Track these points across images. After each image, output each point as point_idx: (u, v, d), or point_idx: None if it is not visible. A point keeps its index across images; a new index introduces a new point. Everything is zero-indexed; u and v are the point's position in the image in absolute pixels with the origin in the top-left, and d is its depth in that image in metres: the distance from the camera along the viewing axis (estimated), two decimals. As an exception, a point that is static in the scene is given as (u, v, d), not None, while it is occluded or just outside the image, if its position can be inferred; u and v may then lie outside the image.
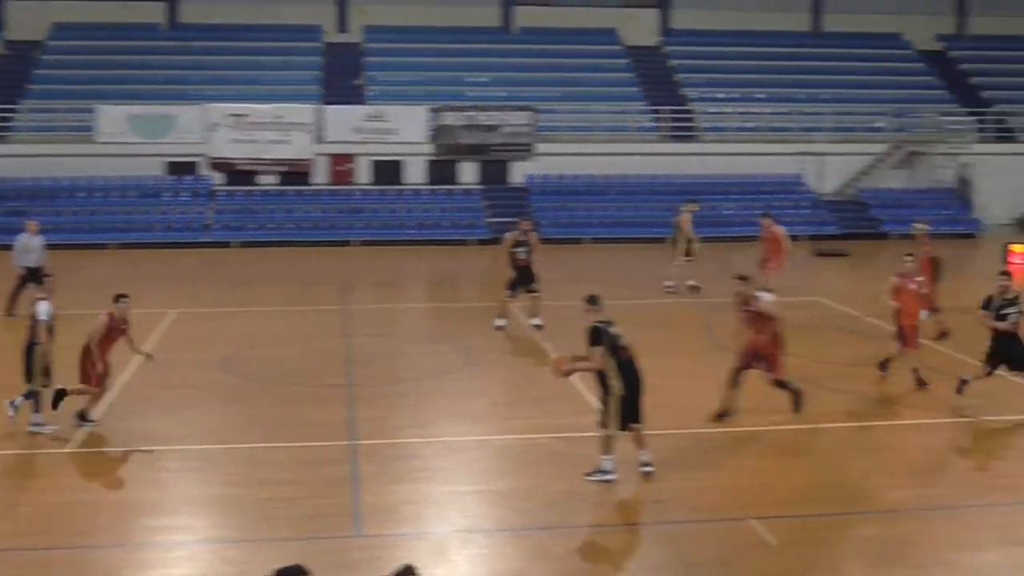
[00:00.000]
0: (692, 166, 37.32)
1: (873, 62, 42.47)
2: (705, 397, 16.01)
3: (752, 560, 10.91)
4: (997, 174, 38.33)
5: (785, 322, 15.46)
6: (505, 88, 38.99)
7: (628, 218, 35.60)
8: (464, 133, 36.39)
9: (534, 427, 15.16)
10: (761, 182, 37.34)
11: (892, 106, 39.92)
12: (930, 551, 11.33)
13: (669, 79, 41.24)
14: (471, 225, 34.91)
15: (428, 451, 14.18)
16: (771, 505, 12.31)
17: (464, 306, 25.57)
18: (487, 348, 19.97)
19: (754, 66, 41.52)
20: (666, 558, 11.14)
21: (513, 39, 41.87)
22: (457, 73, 39.64)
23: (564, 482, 12.91)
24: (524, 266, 21.18)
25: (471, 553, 11.22)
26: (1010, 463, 13.92)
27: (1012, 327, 15.52)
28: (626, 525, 12.21)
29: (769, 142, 38.06)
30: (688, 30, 43.14)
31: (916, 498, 12.71)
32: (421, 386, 17.33)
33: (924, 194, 38.19)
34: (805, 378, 17.81)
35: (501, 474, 13.48)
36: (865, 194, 37.79)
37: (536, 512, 12.13)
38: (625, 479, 12.92)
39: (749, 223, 34.81)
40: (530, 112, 36.73)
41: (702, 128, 38.64)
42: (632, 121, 38.46)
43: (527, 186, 36.65)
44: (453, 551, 11.20)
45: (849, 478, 13.27)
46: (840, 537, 11.68)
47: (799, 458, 14.04)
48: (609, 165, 36.96)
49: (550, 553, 11.15)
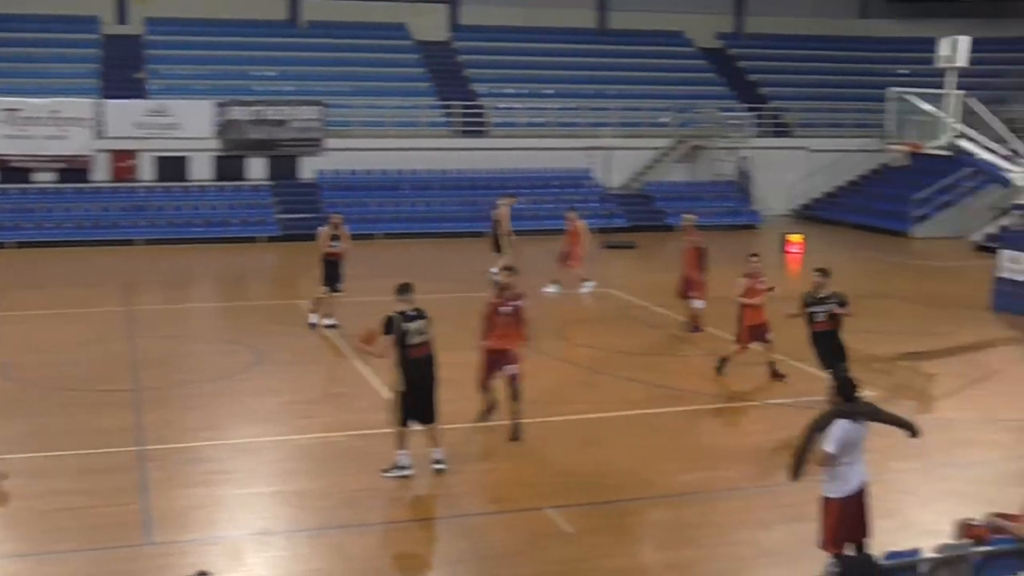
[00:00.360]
0: (483, 161, 37.54)
1: (657, 59, 43.62)
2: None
3: (549, 549, 11.05)
4: (774, 167, 39.95)
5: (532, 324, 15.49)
6: (293, 82, 38.39)
7: (421, 213, 35.61)
8: (251, 128, 35.66)
9: (329, 425, 15.00)
10: (551, 176, 37.87)
11: (675, 102, 41.06)
12: (719, 531, 11.71)
13: (459, 74, 41.39)
14: (260, 222, 34.26)
15: (221, 453, 13.85)
16: (566, 494, 12.50)
17: (255, 304, 25.08)
18: (279, 347, 19.62)
19: (542, 62, 42.09)
20: (465, 551, 11.18)
21: (300, 32, 41.25)
22: (243, 67, 38.81)
23: (361, 479, 12.82)
24: (336, 259, 20.94)
25: (268, 556, 11.01)
26: (788, 444, 14.45)
27: (827, 325, 15.53)
28: (425, 520, 12.20)
29: (558, 137, 38.65)
30: (477, 26, 43.38)
31: (704, 481, 13.13)
32: (212, 387, 16.92)
33: (706, 187, 39.45)
34: (597, 368, 18.25)
35: (297, 474, 13.27)
36: (650, 187, 38.79)
37: (334, 511, 11.99)
38: (424, 473, 12.90)
39: (539, 217, 35.44)
40: (319, 107, 36.27)
41: (492, 123, 38.94)
42: (423, 116, 38.46)
43: (317, 182, 36.20)
44: (249, 554, 10.97)
45: (640, 464, 13.60)
46: (633, 522, 11.95)
47: (593, 447, 14.29)
48: (401, 160, 36.84)
49: (349, 552, 11.05)
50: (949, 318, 22.90)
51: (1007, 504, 10.06)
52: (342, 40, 40.76)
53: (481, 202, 36.01)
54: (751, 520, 12.05)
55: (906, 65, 43.77)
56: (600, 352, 19.52)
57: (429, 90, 39.56)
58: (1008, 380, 18.53)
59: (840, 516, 9.53)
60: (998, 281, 23.90)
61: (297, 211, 34.38)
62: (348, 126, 36.97)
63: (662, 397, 16.68)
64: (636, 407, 16.14)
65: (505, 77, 41.08)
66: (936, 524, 11.16)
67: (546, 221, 35.66)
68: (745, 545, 11.39)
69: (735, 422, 15.70)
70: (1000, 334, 21.96)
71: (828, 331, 15.56)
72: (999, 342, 21.41)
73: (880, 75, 44.08)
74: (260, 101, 36.03)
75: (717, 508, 12.43)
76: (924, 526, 11.48)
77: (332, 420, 15.23)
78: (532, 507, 12.06)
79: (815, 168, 41.21)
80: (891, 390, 17.34)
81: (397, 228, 34.72)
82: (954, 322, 22.50)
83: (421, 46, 41.84)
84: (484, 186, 36.75)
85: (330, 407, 15.97)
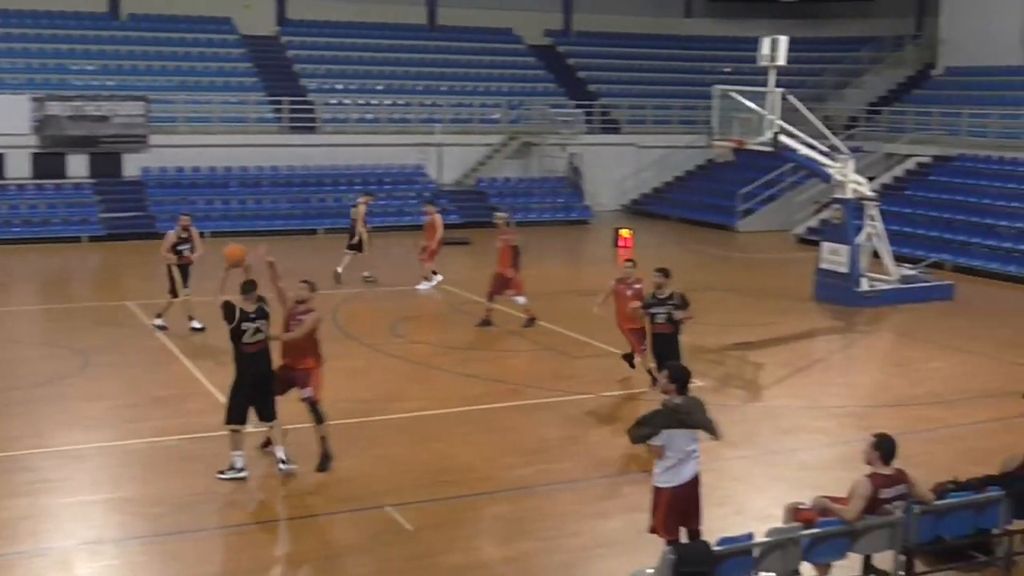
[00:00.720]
0: (316, 157, 37.12)
1: (487, 56, 43.86)
2: (340, 387, 16.00)
3: (391, 546, 11.00)
4: (605, 163, 40.65)
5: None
6: (115, 77, 37.23)
7: (251, 211, 34.97)
8: (72, 124, 34.45)
9: (160, 429, 14.60)
10: (384, 173, 37.69)
11: (506, 98, 41.37)
12: (557, 524, 11.82)
13: (288, 69, 40.78)
14: (84, 221, 33.13)
15: (46, 462, 13.35)
16: (406, 491, 12.46)
17: (79, 307, 24.22)
18: (105, 350, 18.99)
19: (372, 58, 41.84)
20: (306, 552, 11.04)
21: (121, 26, 40.03)
22: (62, 61, 37.46)
23: (196, 483, 12.53)
24: (188, 263, 20.33)
25: (100, 565, 10.65)
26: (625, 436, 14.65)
27: (666, 327, 15.43)
28: (265, 522, 11.98)
29: (390, 133, 38.49)
30: (305, 20, 42.86)
31: (541, 474, 13.24)
32: (35, 393, 16.28)
33: (538, 183, 39.83)
34: (433, 364, 18.24)
35: (128, 480, 12.87)
36: (483, 183, 38.96)
37: (168, 517, 11.67)
38: (263, 474, 12.69)
39: (372, 214, 35.18)
40: (143, 102, 35.26)
41: (323, 119, 38.51)
42: (251, 112, 37.78)
43: (143, 179, 35.21)
44: (79, 565, 10.61)
45: (479, 460, 13.65)
46: (473, 517, 11.99)
47: (431, 443, 14.27)
48: (229, 157, 36.14)
49: (185, 558, 10.78)
50: (774, 309, 23.63)
51: (833, 487, 10.41)
52: (166, 34, 39.74)
53: (313, 199, 35.69)
54: (589, 512, 12.21)
55: (730, 63, 45.05)
56: (435, 348, 19.52)
57: (257, 85, 38.89)
58: (831, 368, 19.24)
59: (671, 505, 9.71)
60: (819, 272, 24.77)
61: (122, 210, 33.37)
62: (174, 122, 36.09)
63: (499, 392, 16.74)
64: (473, 403, 16.17)
65: (335, 73, 40.69)
66: (767, 509, 11.51)
67: (378, 218, 35.53)
68: (584, 536, 11.53)
69: (572, 416, 15.85)
70: (822, 323, 22.78)
71: (668, 333, 15.46)
72: (822, 331, 22.21)
73: (705, 73, 45.32)
74: (80, 96, 34.84)
75: (556, 501, 12.55)
76: (756, 512, 11.81)
77: (162, 424, 14.83)
78: (373, 505, 11.98)
79: (644, 164, 42.09)
80: (720, 380, 17.83)
81: (226, 227, 33.94)
82: (779, 313, 23.23)
83: (248, 40, 41.10)
84: (316, 183, 36.40)
85: (160, 410, 15.53)
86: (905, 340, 21.32)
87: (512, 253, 20.90)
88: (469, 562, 10.78)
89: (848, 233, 24.13)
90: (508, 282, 20.89)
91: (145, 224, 33.00)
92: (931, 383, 17.79)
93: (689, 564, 8.91)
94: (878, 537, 9.72)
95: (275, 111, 37.86)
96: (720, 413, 15.50)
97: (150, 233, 32.71)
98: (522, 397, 16.55)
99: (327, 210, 35.30)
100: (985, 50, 38.50)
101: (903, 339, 21.44)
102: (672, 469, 9.71)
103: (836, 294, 24.08)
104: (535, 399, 16.39)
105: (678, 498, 9.71)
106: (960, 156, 33.96)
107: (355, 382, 16.94)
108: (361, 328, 20.82)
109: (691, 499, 9.83)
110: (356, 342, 19.81)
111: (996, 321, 23.24)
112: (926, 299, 24.41)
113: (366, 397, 16.21)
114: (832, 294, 24.18)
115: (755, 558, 9.26)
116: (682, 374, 10.07)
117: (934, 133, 36.16)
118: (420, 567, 10.63)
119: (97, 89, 35.85)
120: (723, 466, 13.27)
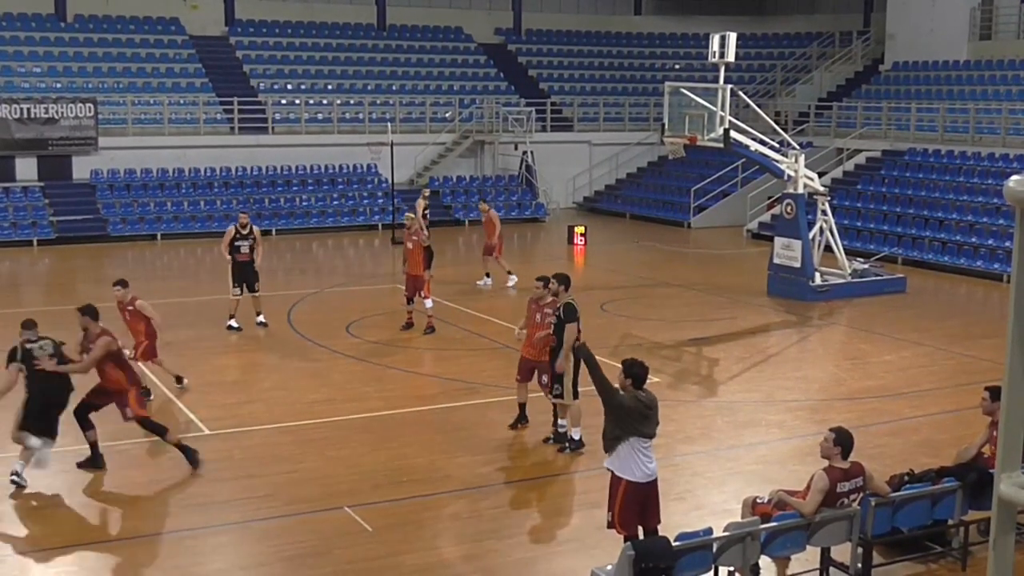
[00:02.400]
0: (267, 158, 36.89)
1: (437, 55, 43.78)
2: (293, 390, 15.95)
3: (351, 547, 10.95)
4: (557, 161, 40.69)
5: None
6: (63, 79, 36.80)
7: (204, 212, 34.67)
8: (19, 127, 34.03)
9: (111, 434, 14.41)
10: (335, 173, 37.53)
11: (457, 97, 41.31)
12: (517, 521, 11.83)
13: (238, 70, 40.49)
14: (33, 225, 32.71)
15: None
16: (365, 492, 12.42)
17: (30, 311, 23.83)
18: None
19: (322, 58, 41.64)
20: (265, 554, 10.96)
21: (68, 27, 39.55)
22: (8, 63, 36.96)
23: (152, 485, 12.41)
24: (246, 261, 20.11)
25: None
26: (583, 434, 14.64)
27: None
28: (223, 525, 11.85)
29: (342, 132, 38.32)
30: (253, 20, 42.56)
31: (500, 472, 13.24)
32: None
33: (491, 181, 39.81)
34: (389, 364, 18.17)
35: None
36: (435, 182, 38.86)
37: (124, 522, 11.55)
38: (217, 478, 12.57)
39: (325, 214, 35.12)
40: (91, 104, 34.88)
41: (274, 120, 38.26)
42: (202, 113, 37.47)
43: (93, 182, 34.82)
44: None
45: (437, 459, 13.62)
46: (432, 516, 11.95)
47: (389, 443, 14.22)
48: (180, 158, 35.83)
49: (137, 560, 10.68)
50: (728, 304, 23.75)
51: (790, 481, 10.49)
52: (113, 35, 39.36)
53: (266, 200, 35.46)
54: (548, 509, 12.23)
55: (680, 60, 45.20)
56: (390, 348, 19.45)
57: (206, 86, 38.57)
58: (785, 362, 19.36)
59: (627, 496, 9.58)
60: (773, 267, 24.94)
61: (72, 213, 33.01)
62: (123, 124, 35.74)
63: (456, 391, 16.71)
64: (430, 402, 16.15)
65: (285, 73, 40.45)
66: (725, 504, 11.58)
67: (331, 218, 35.43)
68: (544, 533, 11.55)
69: (528, 413, 15.84)
70: (776, 318, 22.93)
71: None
72: (776, 326, 22.36)
73: (656, 70, 45.54)
74: (28, 98, 34.41)
75: (515, 498, 12.57)
76: (714, 506, 11.88)
77: (111, 428, 14.65)
78: (331, 507, 11.93)
79: (597, 161, 42.18)
80: (676, 376, 17.90)
81: (178, 228, 33.74)
82: (733, 308, 23.35)
83: (196, 41, 40.75)
84: (268, 183, 36.19)
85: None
86: (858, 334, 21.50)
87: (425, 254, 20.66)
88: (430, 562, 10.74)
89: (800, 228, 24.30)
90: (421, 284, 20.58)
91: (96, 227, 32.68)
92: (885, 376, 17.95)
93: (649, 560, 8.94)
94: (836, 530, 9.80)
95: (225, 112, 37.57)
96: (677, 409, 15.65)
97: (101, 236, 32.45)
98: (479, 396, 16.52)
99: (280, 210, 35.13)
100: (932, 45, 38.95)
101: (856, 333, 21.63)
102: (628, 462, 9.58)
103: (789, 289, 24.26)
104: (492, 397, 16.35)
105: (636, 491, 9.63)
106: (909, 150, 34.30)
107: (311, 383, 16.87)
108: (315, 329, 20.71)
109: (649, 495, 9.76)
110: (311, 343, 19.71)
111: (947, 313, 23.51)
112: (879, 293, 24.66)
113: (323, 398, 16.14)
114: (785, 289, 24.35)
115: (714, 552, 9.31)
116: (636, 373, 9.79)
117: (883, 128, 36.51)
118: (380, 568, 10.58)
119: (45, 91, 35.44)
120: (681, 461, 13.34)
